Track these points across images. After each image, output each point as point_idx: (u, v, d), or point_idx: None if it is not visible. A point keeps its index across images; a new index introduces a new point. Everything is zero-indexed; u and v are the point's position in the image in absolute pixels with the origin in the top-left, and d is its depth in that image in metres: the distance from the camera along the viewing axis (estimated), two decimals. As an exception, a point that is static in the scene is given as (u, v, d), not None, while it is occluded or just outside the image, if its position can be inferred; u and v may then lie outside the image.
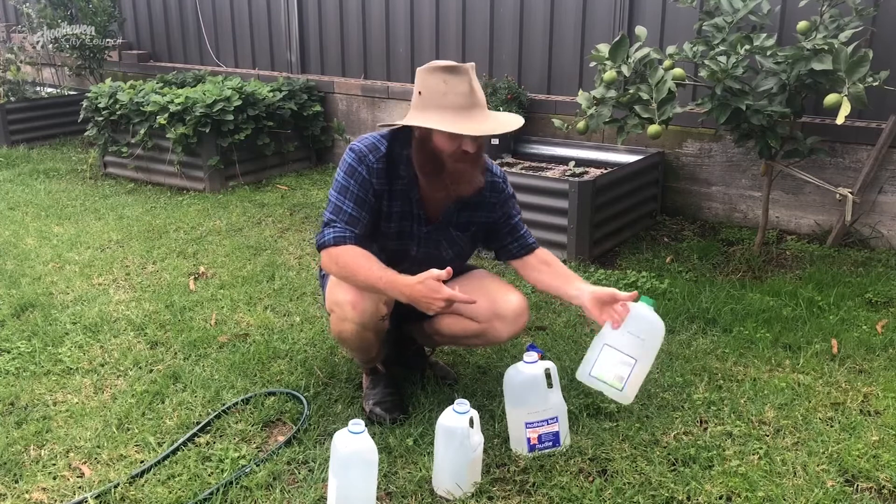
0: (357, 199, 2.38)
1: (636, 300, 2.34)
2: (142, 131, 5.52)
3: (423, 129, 2.31)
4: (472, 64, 2.31)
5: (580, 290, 2.42)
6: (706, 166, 4.67)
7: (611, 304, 2.34)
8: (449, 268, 2.24)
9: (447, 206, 2.49)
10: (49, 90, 7.54)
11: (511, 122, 2.34)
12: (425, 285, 2.23)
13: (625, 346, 2.31)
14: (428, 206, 2.47)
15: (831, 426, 2.54)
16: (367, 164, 2.39)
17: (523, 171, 4.67)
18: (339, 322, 2.44)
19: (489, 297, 2.51)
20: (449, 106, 2.25)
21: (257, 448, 2.45)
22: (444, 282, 2.26)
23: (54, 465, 2.37)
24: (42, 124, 7.09)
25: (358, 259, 2.33)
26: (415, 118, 2.30)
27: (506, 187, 2.59)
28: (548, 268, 2.57)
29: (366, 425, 2.06)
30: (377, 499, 2.13)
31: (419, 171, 2.38)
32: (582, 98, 3.69)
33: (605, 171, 4.40)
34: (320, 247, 2.40)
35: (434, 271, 2.23)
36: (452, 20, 5.62)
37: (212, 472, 2.31)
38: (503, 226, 2.59)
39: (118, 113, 5.64)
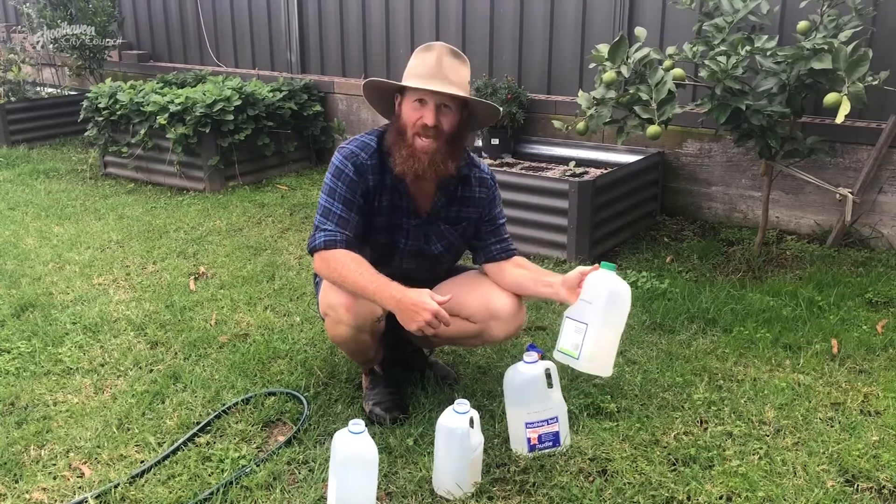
0: (345, 200, 2.39)
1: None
2: (142, 131, 5.52)
3: (399, 107, 2.42)
4: (448, 46, 2.40)
5: (551, 284, 2.42)
6: (706, 166, 4.67)
7: (580, 282, 2.33)
8: (450, 295, 2.28)
9: (436, 200, 2.50)
10: (49, 90, 7.54)
11: (462, 92, 2.37)
12: (418, 295, 2.23)
13: (577, 314, 2.28)
14: (416, 199, 2.49)
15: (831, 426, 2.54)
16: (357, 164, 2.41)
17: (523, 171, 4.67)
18: (334, 325, 2.44)
19: (484, 298, 2.52)
20: (415, 74, 2.37)
21: (257, 448, 2.45)
22: (434, 286, 2.32)
23: (54, 465, 2.37)
24: (42, 124, 7.08)
25: (349, 264, 2.33)
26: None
27: (494, 185, 2.60)
28: (524, 269, 2.57)
29: (366, 425, 2.06)
30: (377, 499, 2.13)
31: (393, 149, 2.41)
32: (582, 99, 3.69)
33: (605, 171, 4.40)
34: (311, 250, 2.41)
35: (429, 292, 2.25)
36: (452, 20, 5.61)
37: (212, 472, 2.31)
38: (488, 225, 2.60)
39: (118, 113, 5.64)
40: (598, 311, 2.24)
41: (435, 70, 2.34)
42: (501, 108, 2.55)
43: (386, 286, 2.28)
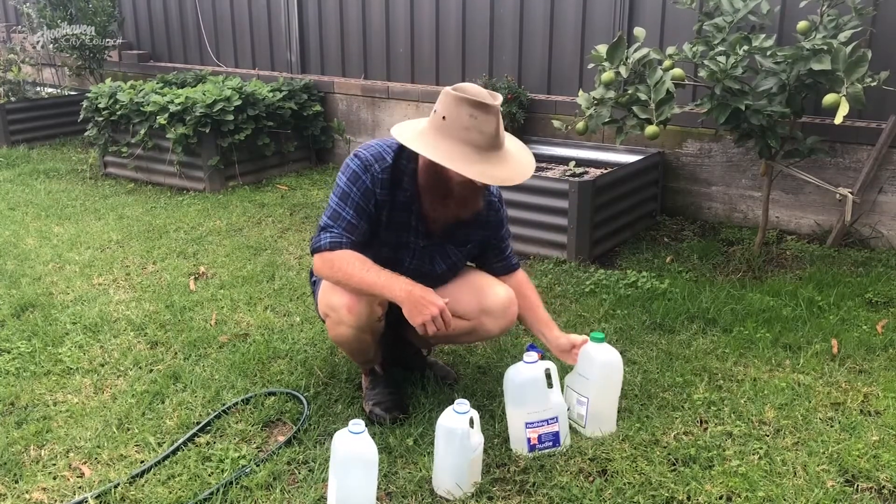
0: (357, 207, 2.37)
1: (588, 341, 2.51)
2: (142, 131, 5.52)
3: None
4: (494, 97, 2.21)
5: (545, 336, 2.61)
6: (706, 166, 4.67)
7: (571, 348, 2.52)
8: (448, 298, 2.32)
9: (447, 223, 2.49)
10: (49, 90, 7.54)
11: (527, 169, 2.31)
12: (428, 291, 2.27)
13: (577, 387, 2.49)
14: (428, 221, 2.47)
15: (831, 426, 2.54)
16: (371, 174, 2.37)
17: (523, 171, 4.66)
18: (335, 326, 2.44)
19: (475, 294, 2.54)
20: (470, 143, 2.19)
21: (257, 448, 2.45)
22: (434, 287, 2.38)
23: (54, 465, 2.37)
24: (42, 124, 7.08)
25: (354, 262, 2.33)
26: (433, 146, 2.20)
27: (501, 207, 2.62)
28: (523, 300, 2.62)
29: (366, 425, 2.06)
30: (377, 499, 2.14)
31: (424, 190, 2.38)
32: (581, 99, 3.69)
33: (605, 171, 4.40)
34: (315, 250, 2.39)
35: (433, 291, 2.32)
36: (452, 20, 5.61)
37: (212, 472, 2.31)
38: (493, 247, 2.63)
39: (118, 113, 5.64)
40: (594, 386, 2.45)
41: (493, 140, 2.21)
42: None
43: (396, 279, 2.30)
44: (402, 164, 2.40)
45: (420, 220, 2.45)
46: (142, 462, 2.38)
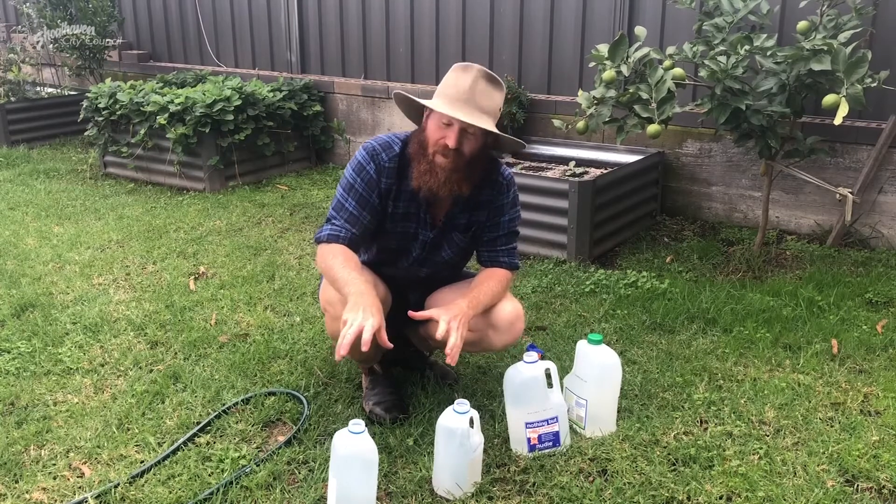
0: (360, 198, 2.40)
1: (586, 337, 2.48)
2: (142, 131, 5.52)
3: (425, 121, 2.40)
4: (484, 70, 2.33)
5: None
6: (706, 166, 4.67)
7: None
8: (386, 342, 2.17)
9: (450, 209, 2.49)
10: (49, 90, 7.54)
11: (480, 122, 2.29)
12: (372, 308, 2.15)
13: (576, 389, 2.48)
14: (432, 208, 2.48)
15: (831, 426, 2.54)
16: (377, 163, 2.41)
17: (523, 171, 4.67)
18: (332, 321, 2.45)
19: None
20: (446, 95, 2.32)
21: (257, 448, 2.45)
22: (434, 288, 2.44)
23: (54, 465, 2.37)
24: (42, 124, 7.08)
25: (337, 255, 2.34)
26: (413, 96, 2.42)
27: (507, 192, 2.54)
28: (480, 282, 2.48)
29: (366, 425, 2.06)
30: (377, 499, 2.13)
31: (413, 157, 2.40)
32: (582, 98, 3.69)
33: (605, 171, 4.40)
34: (316, 240, 2.45)
35: (379, 326, 2.14)
36: (452, 20, 5.61)
37: (212, 472, 2.31)
38: (488, 230, 2.56)
39: (118, 113, 5.64)
40: (592, 388, 2.45)
41: (467, 94, 2.29)
42: (525, 144, 2.52)
43: (359, 283, 2.23)
44: (410, 152, 2.42)
45: (425, 209, 2.47)
46: (142, 462, 2.38)
